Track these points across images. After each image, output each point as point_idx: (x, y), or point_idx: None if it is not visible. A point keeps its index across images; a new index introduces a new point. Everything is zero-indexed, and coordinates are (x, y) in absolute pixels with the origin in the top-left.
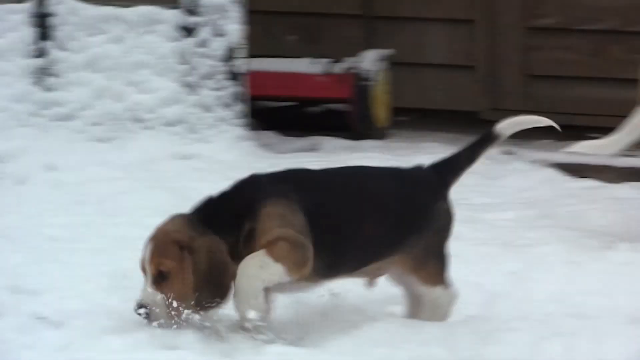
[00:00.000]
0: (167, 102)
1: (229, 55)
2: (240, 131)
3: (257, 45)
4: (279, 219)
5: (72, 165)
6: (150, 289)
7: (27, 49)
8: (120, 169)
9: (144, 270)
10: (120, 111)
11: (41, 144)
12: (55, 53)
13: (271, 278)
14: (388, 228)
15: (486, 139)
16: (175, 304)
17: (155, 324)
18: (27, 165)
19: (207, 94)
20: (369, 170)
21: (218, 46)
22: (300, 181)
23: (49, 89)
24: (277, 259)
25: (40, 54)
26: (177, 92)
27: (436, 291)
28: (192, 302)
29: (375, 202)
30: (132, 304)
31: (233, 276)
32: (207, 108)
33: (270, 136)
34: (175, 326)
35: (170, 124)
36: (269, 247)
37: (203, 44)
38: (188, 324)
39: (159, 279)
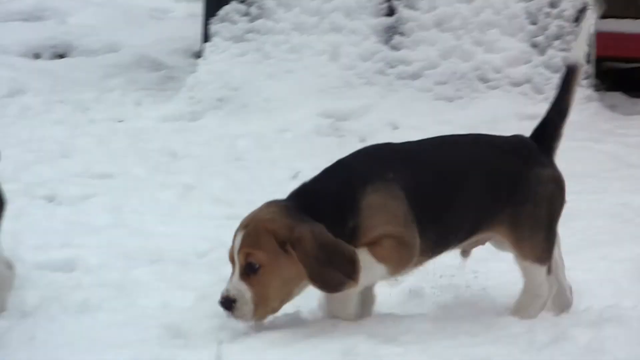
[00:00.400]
0: (514, 62)
1: (579, 16)
2: (588, 92)
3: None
4: (382, 212)
5: (415, 124)
6: (237, 281)
7: (377, 8)
8: (463, 128)
9: (232, 260)
10: (466, 70)
11: (386, 102)
12: (404, 12)
13: (372, 280)
14: (484, 198)
15: (566, 79)
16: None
17: (237, 320)
18: (371, 123)
19: (554, 55)
20: (459, 139)
21: (568, 6)
22: (393, 158)
23: (396, 47)
24: (381, 259)
25: (390, 12)
26: (525, 52)
27: (536, 272)
28: (320, 284)
29: (469, 172)
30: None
31: (353, 251)
32: (554, 69)
33: (617, 97)
34: (256, 325)
35: (516, 84)
36: (374, 247)
37: (553, 4)
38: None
39: (249, 271)
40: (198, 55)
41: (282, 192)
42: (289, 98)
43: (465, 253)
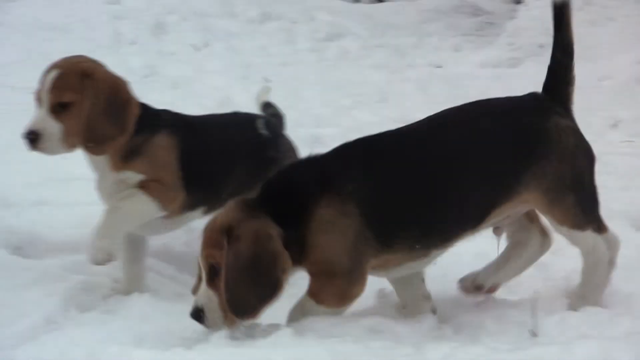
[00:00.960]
0: None
1: None
2: None
3: None
4: (329, 233)
5: None
6: (205, 288)
7: None
8: None
9: (199, 265)
10: None
11: None
12: None
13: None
14: (496, 165)
15: (557, 17)
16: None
17: (210, 329)
18: None
19: None
20: (456, 113)
21: None
22: (364, 159)
23: None
24: (320, 302)
25: None
26: None
27: (579, 237)
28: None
29: (467, 149)
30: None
31: (284, 271)
32: None
33: None
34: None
35: None
36: (313, 295)
37: None
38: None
39: (213, 275)
40: (518, 0)
41: (603, 142)
42: (609, 45)
43: (497, 230)
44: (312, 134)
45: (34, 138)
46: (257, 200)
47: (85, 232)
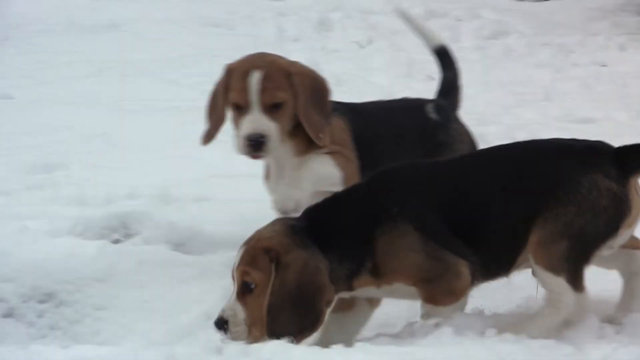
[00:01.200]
0: None
1: None
2: None
3: None
4: (400, 254)
5: None
6: (233, 301)
7: None
8: None
9: (233, 277)
10: None
11: None
12: None
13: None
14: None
15: None
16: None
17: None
18: None
19: None
20: (502, 148)
21: None
22: (416, 184)
23: None
24: (436, 303)
25: None
26: None
27: (550, 281)
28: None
29: (495, 186)
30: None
31: (328, 304)
32: None
33: None
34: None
35: None
36: (425, 298)
37: None
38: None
39: (244, 290)
40: None
41: None
42: None
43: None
44: (475, 131)
45: (262, 141)
46: (305, 226)
47: (247, 228)
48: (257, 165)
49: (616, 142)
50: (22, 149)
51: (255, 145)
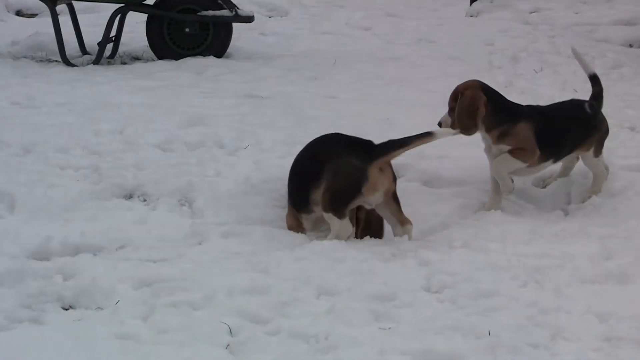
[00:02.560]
0: None
1: None
2: None
3: None
4: None
5: None
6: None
7: None
8: None
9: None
10: None
11: None
12: None
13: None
14: None
15: None
16: None
17: None
18: None
19: None
20: None
21: None
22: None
23: None
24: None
25: None
26: None
27: (329, 216)
28: None
29: None
30: None
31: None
32: None
33: None
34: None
35: None
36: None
37: None
38: None
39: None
40: None
41: None
42: None
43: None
44: None
45: (439, 125)
46: None
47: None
48: None
49: None
50: (339, 127)
51: (439, 126)
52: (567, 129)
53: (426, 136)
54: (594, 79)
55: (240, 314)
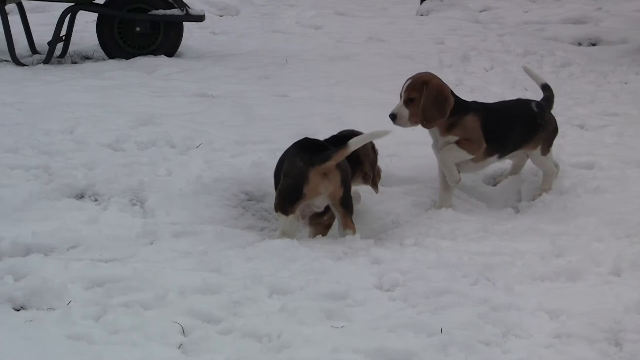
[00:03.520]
0: None
1: None
2: None
3: None
4: None
5: None
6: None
7: None
8: None
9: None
10: None
11: None
12: None
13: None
14: None
15: None
16: None
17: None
18: None
19: None
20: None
21: None
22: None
23: None
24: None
25: None
26: None
27: (277, 214)
28: None
29: None
30: None
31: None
32: None
33: None
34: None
35: None
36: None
37: None
38: None
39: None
40: None
41: None
42: None
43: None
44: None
45: (393, 117)
46: None
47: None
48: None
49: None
50: (290, 125)
51: (392, 119)
52: (513, 126)
53: (345, 147)
54: (545, 87)
55: (193, 314)
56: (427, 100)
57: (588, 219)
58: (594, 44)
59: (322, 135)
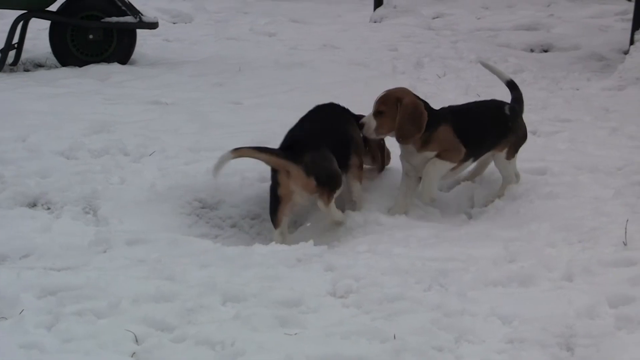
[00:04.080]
0: None
1: None
2: None
3: None
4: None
5: None
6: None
7: None
8: None
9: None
10: None
11: None
12: None
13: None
14: None
15: None
16: None
17: None
18: None
19: None
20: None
21: None
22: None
23: None
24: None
25: None
26: None
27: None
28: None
29: None
30: None
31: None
32: None
33: None
34: None
35: None
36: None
37: None
38: None
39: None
40: (626, 52)
41: None
42: None
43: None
44: None
45: (361, 127)
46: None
47: None
48: None
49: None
50: (245, 133)
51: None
52: (485, 128)
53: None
54: (511, 85)
55: (146, 322)
56: (402, 118)
57: (541, 224)
58: (546, 51)
59: (275, 143)
